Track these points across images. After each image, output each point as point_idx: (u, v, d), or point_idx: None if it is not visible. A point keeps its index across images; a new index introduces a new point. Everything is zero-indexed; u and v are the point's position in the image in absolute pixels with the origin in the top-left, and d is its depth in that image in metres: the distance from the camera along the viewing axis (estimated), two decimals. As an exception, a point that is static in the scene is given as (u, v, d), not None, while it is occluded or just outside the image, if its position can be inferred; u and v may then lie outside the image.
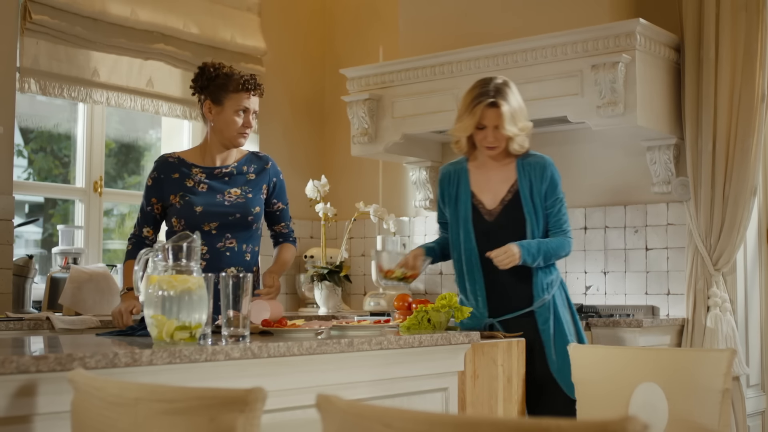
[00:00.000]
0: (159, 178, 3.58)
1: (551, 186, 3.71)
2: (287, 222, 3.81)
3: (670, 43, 4.64)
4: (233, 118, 3.54)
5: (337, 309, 5.51)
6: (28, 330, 3.95)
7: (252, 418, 1.66)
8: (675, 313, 4.78)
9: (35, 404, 2.05)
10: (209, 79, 3.55)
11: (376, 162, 5.86)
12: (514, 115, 3.63)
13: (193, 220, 3.49)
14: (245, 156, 3.69)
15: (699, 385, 2.70)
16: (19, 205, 5.61)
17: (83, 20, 4.84)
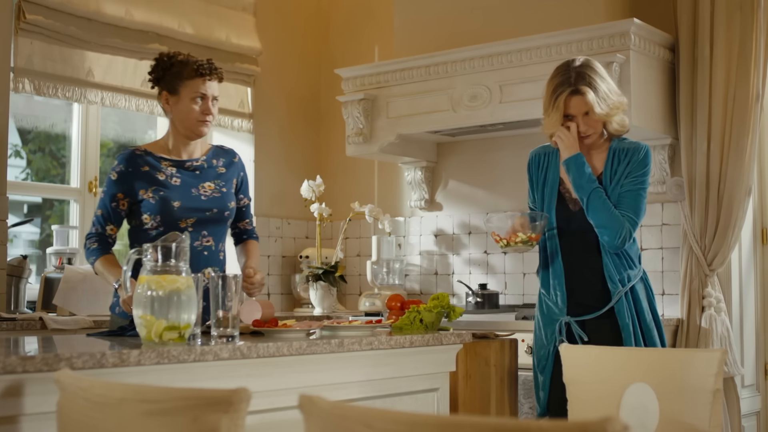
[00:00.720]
0: (126, 171, 3.40)
1: (633, 169, 3.41)
2: (251, 219, 3.71)
3: (664, 43, 4.64)
4: (190, 106, 3.39)
5: (332, 309, 5.51)
6: (20, 330, 3.95)
7: (236, 418, 1.66)
8: (670, 313, 4.78)
9: (22, 405, 2.04)
10: (164, 70, 3.43)
11: (372, 162, 5.86)
12: (603, 96, 3.36)
13: (170, 216, 3.36)
14: (211, 149, 3.59)
15: (690, 386, 2.69)
16: (18, 206, 5.61)
17: (78, 20, 4.83)
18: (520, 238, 3.42)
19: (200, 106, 3.40)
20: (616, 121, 3.42)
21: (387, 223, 5.55)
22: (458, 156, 5.56)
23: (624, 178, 3.40)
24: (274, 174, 5.89)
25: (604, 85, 3.38)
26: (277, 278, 5.88)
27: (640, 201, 3.40)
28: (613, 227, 3.35)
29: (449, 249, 5.59)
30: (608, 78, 3.43)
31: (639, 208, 3.40)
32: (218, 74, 3.47)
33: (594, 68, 3.41)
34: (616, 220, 3.34)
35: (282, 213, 5.92)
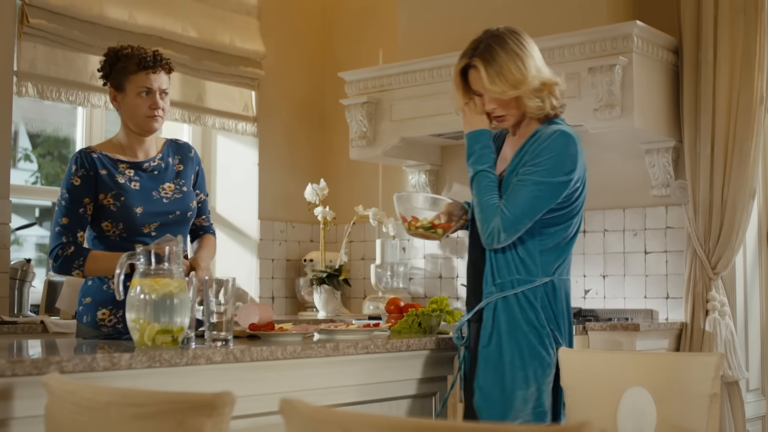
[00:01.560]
0: (88, 175, 3.24)
1: (531, 157, 2.85)
2: (207, 215, 3.55)
3: (668, 45, 4.62)
4: (137, 101, 3.26)
5: (336, 313, 5.50)
6: (21, 334, 3.96)
7: (220, 422, 1.65)
8: (674, 317, 4.76)
9: (11, 408, 2.04)
10: (111, 65, 3.30)
11: (376, 165, 5.85)
12: (500, 71, 2.85)
13: (132, 224, 3.24)
14: (165, 144, 3.46)
15: (687, 390, 2.67)
16: (30, 209, 5.63)
17: (81, 24, 4.84)
18: (420, 222, 2.98)
19: (147, 101, 3.26)
20: (529, 105, 2.89)
21: (391, 226, 5.54)
22: (462, 159, 5.46)
23: (521, 167, 2.87)
24: (278, 177, 5.88)
25: (511, 59, 2.86)
26: (281, 282, 5.88)
27: (524, 195, 2.81)
28: (481, 220, 2.88)
29: (453, 252, 5.57)
30: (526, 53, 2.91)
31: (519, 204, 2.81)
32: (164, 66, 3.31)
33: (504, 39, 2.92)
34: (487, 212, 2.85)
35: (286, 216, 5.91)
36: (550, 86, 2.91)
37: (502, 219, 2.82)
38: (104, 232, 3.27)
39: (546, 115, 2.92)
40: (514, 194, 2.82)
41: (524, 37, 2.96)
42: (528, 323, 2.85)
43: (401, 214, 3.01)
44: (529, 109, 2.89)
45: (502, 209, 2.82)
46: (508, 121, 2.95)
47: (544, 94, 2.90)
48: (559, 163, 2.82)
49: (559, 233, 2.90)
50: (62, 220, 3.24)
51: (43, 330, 4.04)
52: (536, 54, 2.94)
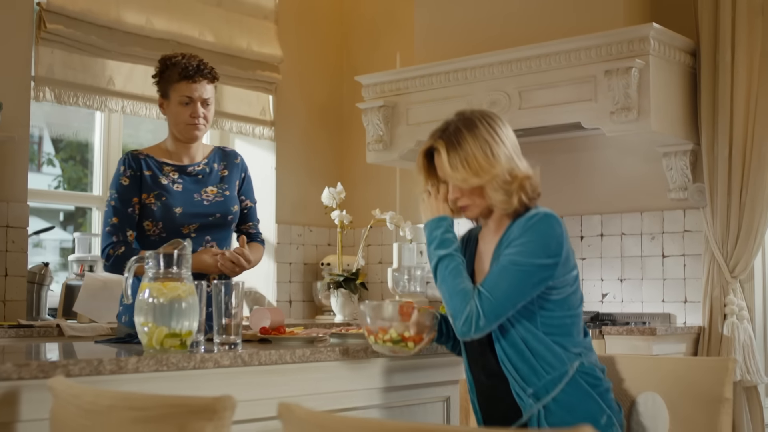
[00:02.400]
0: (135, 175, 3.35)
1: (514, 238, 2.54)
2: (255, 222, 3.60)
3: (685, 47, 4.59)
4: (179, 109, 3.34)
5: (353, 316, 5.49)
6: (37, 337, 3.98)
7: (220, 426, 1.65)
8: (692, 321, 4.72)
9: (18, 411, 2.05)
10: (161, 73, 3.40)
11: (393, 169, 5.84)
12: (466, 158, 2.55)
13: (172, 223, 3.31)
14: (212, 151, 3.53)
15: (700, 394, 2.65)
16: (54, 213, 5.67)
17: (98, 29, 4.86)
18: (389, 335, 2.61)
19: (188, 110, 3.34)
20: (494, 195, 2.57)
21: (408, 230, 5.53)
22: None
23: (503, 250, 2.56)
24: (295, 181, 5.89)
25: (477, 145, 2.56)
26: (298, 285, 5.88)
27: (507, 277, 2.49)
28: (454, 307, 2.53)
29: (471, 256, 5.55)
30: (496, 140, 2.58)
31: (502, 287, 2.48)
32: (207, 76, 3.37)
33: (475, 123, 2.61)
34: (459, 297, 2.52)
35: (303, 220, 5.92)
36: (520, 179, 2.57)
37: (482, 303, 2.47)
38: (145, 231, 3.35)
39: (515, 211, 2.59)
40: (496, 276, 2.50)
41: (498, 123, 2.64)
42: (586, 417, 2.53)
43: (366, 327, 2.64)
44: (494, 201, 2.58)
45: (481, 292, 2.48)
46: (472, 211, 2.66)
47: (513, 187, 2.56)
48: (543, 245, 2.51)
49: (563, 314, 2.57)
50: (112, 220, 3.32)
51: (59, 333, 4.06)
52: (510, 142, 2.62)
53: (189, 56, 3.38)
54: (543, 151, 5.18)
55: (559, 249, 2.53)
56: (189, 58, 3.37)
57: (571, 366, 2.51)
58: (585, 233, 5.06)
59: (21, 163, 4.61)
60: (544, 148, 5.18)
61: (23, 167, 4.62)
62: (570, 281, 2.57)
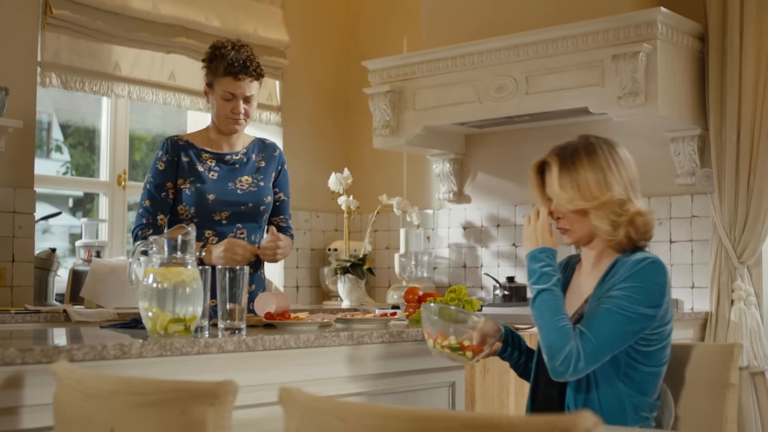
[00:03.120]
0: (173, 160, 3.43)
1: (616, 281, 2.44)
2: (286, 216, 3.65)
3: (693, 32, 4.56)
4: (221, 103, 3.40)
5: (360, 302, 5.50)
6: (44, 322, 3.99)
7: (222, 411, 1.65)
8: (699, 306, 4.71)
9: (22, 396, 2.05)
10: (210, 60, 3.44)
11: (400, 154, 5.84)
12: (577, 180, 2.51)
13: (205, 209, 3.39)
14: (252, 142, 3.59)
15: (706, 380, 2.64)
16: (63, 199, 5.68)
17: (104, 14, 4.86)
18: (447, 341, 2.55)
19: (229, 105, 3.39)
20: (598, 224, 2.51)
21: (415, 215, 5.53)
22: (487, 148, 5.52)
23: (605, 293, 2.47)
24: (302, 167, 5.88)
25: (592, 170, 2.52)
26: (305, 271, 5.88)
27: (611, 320, 2.39)
28: (550, 345, 2.41)
29: (478, 242, 5.55)
30: (613, 170, 2.54)
31: (605, 329, 2.38)
32: (252, 73, 3.39)
33: (594, 148, 2.56)
34: (557, 335, 2.40)
35: (310, 206, 5.92)
36: (632, 214, 2.49)
37: (584, 344, 2.37)
38: (179, 215, 3.41)
39: (619, 244, 2.51)
40: (600, 319, 2.39)
41: (619, 153, 2.58)
42: None
43: (426, 328, 2.60)
44: (598, 230, 2.51)
45: (584, 333, 2.38)
46: (571, 237, 2.58)
47: (622, 220, 2.48)
48: (647, 293, 2.41)
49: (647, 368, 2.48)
50: (145, 203, 3.41)
51: (66, 319, 4.07)
52: (628, 175, 2.55)
53: (239, 48, 3.39)
54: (550, 137, 5.15)
55: (660, 300, 2.45)
56: (238, 50, 3.38)
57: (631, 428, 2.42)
58: (592, 219, 5.04)
59: (28, 149, 4.61)
60: (551, 134, 5.16)
61: (30, 153, 4.63)
62: (663, 336, 2.49)
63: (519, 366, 2.76)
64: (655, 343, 2.47)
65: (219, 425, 1.65)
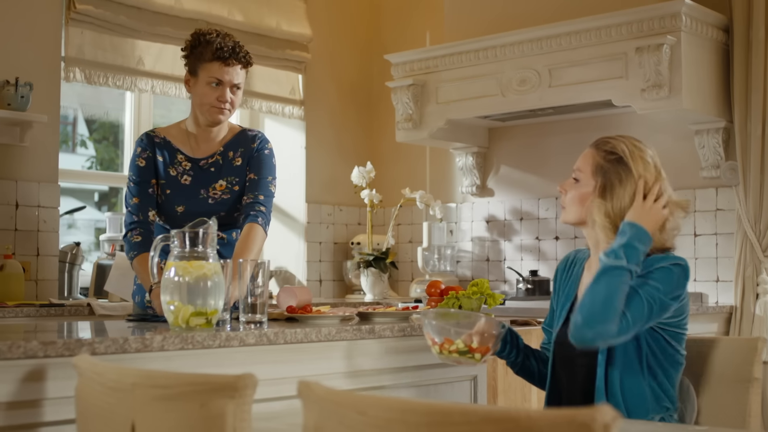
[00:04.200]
0: (150, 156, 3.26)
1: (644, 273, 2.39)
2: (255, 194, 3.28)
3: (718, 23, 4.53)
4: (206, 90, 3.19)
5: (383, 296, 5.50)
6: (68, 316, 4.01)
7: (242, 404, 1.65)
8: (724, 300, 4.68)
9: (44, 389, 2.06)
10: (192, 47, 3.22)
11: (423, 148, 5.83)
12: (611, 190, 2.46)
13: (174, 219, 3.25)
14: (234, 136, 3.35)
15: (728, 375, 2.62)
16: (89, 194, 5.72)
17: (128, 9, 4.88)
18: (455, 346, 2.46)
19: (216, 92, 3.19)
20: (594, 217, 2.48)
21: (438, 209, 5.52)
22: (510, 141, 5.50)
23: None
24: (325, 161, 5.89)
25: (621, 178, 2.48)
26: (328, 265, 5.89)
27: (643, 304, 2.34)
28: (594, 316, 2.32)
29: (501, 235, 5.54)
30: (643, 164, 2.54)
31: (640, 312, 2.34)
32: (241, 60, 3.21)
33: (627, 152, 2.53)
34: (609, 313, 2.32)
35: (333, 200, 5.92)
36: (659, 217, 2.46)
37: (623, 324, 2.32)
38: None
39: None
40: (635, 302, 2.34)
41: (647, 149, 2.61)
42: None
43: (429, 334, 2.49)
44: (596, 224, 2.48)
45: (628, 319, 2.32)
46: (564, 216, 2.58)
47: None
48: (670, 281, 2.39)
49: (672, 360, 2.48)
50: (133, 200, 3.25)
51: (90, 313, 4.09)
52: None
53: (224, 35, 3.22)
54: (573, 130, 5.15)
55: (680, 292, 2.43)
56: (224, 37, 3.21)
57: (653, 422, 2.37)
58: (616, 212, 5.02)
59: (52, 144, 4.64)
60: (575, 127, 5.15)
61: (54, 148, 4.65)
62: (682, 325, 2.48)
63: (516, 364, 2.70)
64: (677, 333, 2.46)
65: (239, 418, 1.65)
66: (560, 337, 2.56)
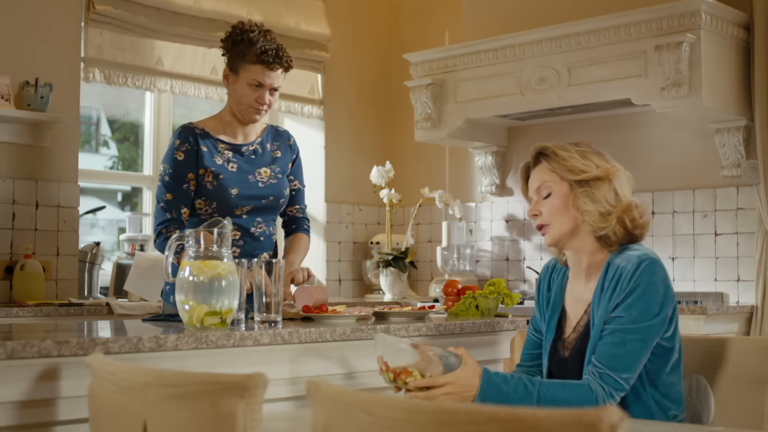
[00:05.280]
0: (192, 150, 3.23)
1: (621, 299, 2.29)
2: (302, 206, 3.50)
3: (738, 21, 4.49)
4: (245, 90, 3.22)
5: (402, 295, 5.49)
6: (87, 315, 4.03)
7: (252, 403, 1.65)
8: (745, 300, 4.64)
9: (58, 388, 2.07)
10: (234, 43, 3.23)
11: (442, 147, 5.82)
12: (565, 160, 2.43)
13: (227, 204, 3.24)
14: (265, 129, 3.42)
15: (746, 375, 2.60)
16: (112, 194, 5.75)
17: (147, 10, 4.90)
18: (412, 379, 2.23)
19: (255, 94, 3.23)
20: (591, 222, 2.36)
21: (457, 208, 5.51)
22: (529, 140, 5.48)
23: (610, 313, 2.30)
24: (344, 160, 5.89)
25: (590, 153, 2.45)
26: (348, 264, 5.89)
27: (626, 351, 2.25)
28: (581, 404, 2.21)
29: (520, 234, 5.52)
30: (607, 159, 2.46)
31: (624, 361, 2.24)
32: (283, 64, 3.23)
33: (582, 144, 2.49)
34: (579, 394, 2.23)
35: (353, 199, 5.92)
36: (625, 204, 2.37)
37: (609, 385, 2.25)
38: (197, 209, 3.26)
39: (609, 237, 2.37)
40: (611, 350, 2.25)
41: None
42: None
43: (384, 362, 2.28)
44: (585, 218, 2.36)
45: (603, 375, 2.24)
46: (551, 233, 2.42)
47: (614, 210, 2.36)
48: (651, 302, 2.27)
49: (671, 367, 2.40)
50: (166, 196, 3.21)
51: (109, 312, 4.11)
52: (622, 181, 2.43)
53: (266, 35, 3.22)
54: (593, 129, 5.12)
55: (666, 298, 2.31)
56: (267, 38, 3.21)
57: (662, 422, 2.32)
58: (636, 211, 4.99)
59: (72, 144, 4.67)
60: (594, 126, 5.12)
61: (74, 148, 4.68)
62: (674, 329, 2.37)
63: None
64: (668, 340, 2.37)
65: (249, 418, 1.65)
66: (553, 353, 2.49)
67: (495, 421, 1.25)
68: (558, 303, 2.51)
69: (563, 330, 2.47)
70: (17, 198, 4.47)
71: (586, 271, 2.44)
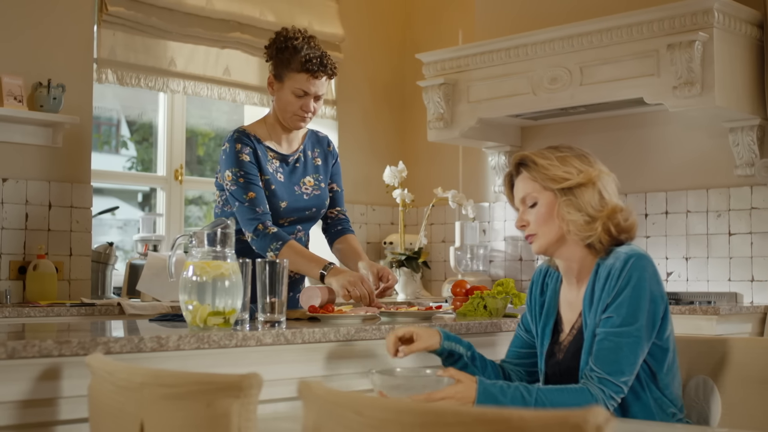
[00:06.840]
0: (253, 152, 3.26)
1: (611, 299, 2.28)
2: (342, 208, 3.53)
3: (751, 19, 4.46)
4: (291, 98, 3.25)
5: (416, 295, 5.49)
6: (98, 315, 4.04)
7: (247, 404, 1.65)
8: (759, 300, 4.61)
9: (59, 388, 2.08)
10: (278, 50, 3.24)
11: (456, 147, 5.81)
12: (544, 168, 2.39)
13: (275, 215, 3.27)
14: (306, 135, 3.45)
15: (755, 375, 2.58)
16: (132, 195, 5.78)
17: (159, 11, 4.91)
18: None
19: (300, 102, 3.25)
20: (576, 231, 2.33)
21: (470, 208, 5.50)
22: (542, 140, 5.46)
23: (601, 315, 2.30)
24: (357, 160, 5.89)
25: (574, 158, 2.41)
26: (361, 264, 5.88)
27: (620, 354, 2.24)
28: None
29: (534, 235, 5.49)
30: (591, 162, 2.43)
31: (621, 364, 2.24)
32: (328, 72, 3.24)
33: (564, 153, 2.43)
34: (579, 398, 2.22)
35: (366, 199, 5.92)
36: (610, 209, 2.34)
37: (608, 389, 2.24)
38: None
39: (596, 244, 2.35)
40: (609, 355, 2.24)
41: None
42: None
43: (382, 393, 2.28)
44: (570, 227, 2.33)
45: (602, 379, 2.23)
46: (538, 242, 2.40)
47: (600, 214, 2.33)
48: (642, 298, 2.26)
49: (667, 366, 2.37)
50: (249, 195, 3.20)
51: (120, 312, 4.12)
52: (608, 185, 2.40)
53: (310, 42, 3.23)
54: (605, 128, 5.10)
55: (656, 294, 2.29)
56: (311, 45, 3.22)
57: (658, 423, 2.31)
58: (649, 211, 4.97)
59: (84, 145, 4.69)
60: (607, 125, 5.10)
61: (87, 148, 4.70)
62: (667, 326, 2.36)
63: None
64: (663, 340, 2.35)
65: (244, 418, 1.65)
66: (549, 357, 2.47)
67: (481, 422, 1.25)
68: (553, 308, 2.50)
69: (559, 334, 2.46)
70: (30, 198, 4.49)
71: (576, 277, 2.43)
